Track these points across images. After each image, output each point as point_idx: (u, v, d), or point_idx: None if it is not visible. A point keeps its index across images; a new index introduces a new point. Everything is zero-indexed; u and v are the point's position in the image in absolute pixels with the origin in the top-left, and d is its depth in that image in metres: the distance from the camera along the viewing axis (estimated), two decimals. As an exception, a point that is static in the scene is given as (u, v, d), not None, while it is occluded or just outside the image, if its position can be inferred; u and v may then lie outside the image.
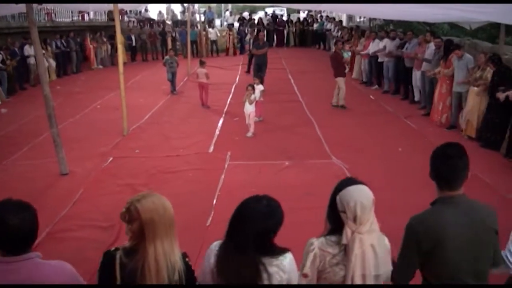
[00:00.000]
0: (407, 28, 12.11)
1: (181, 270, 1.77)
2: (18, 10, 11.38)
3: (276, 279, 1.78)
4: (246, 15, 25.31)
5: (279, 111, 9.28)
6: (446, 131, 7.71)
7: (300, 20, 23.42)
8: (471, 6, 6.03)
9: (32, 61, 12.13)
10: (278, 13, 26.78)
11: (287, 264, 1.81)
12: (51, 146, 5.98)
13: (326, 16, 22.09)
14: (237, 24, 21.66)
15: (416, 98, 9.75)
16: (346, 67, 10.23)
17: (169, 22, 23.13)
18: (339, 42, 10.17)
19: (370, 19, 16.38)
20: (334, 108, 9.57)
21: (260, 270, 1.75)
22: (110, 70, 14.82)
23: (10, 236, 1.70)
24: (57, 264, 1.82)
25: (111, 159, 6.58)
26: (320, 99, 10.26)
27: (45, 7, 15.45)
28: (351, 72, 12.97)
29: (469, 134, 7.18)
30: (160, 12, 24.68)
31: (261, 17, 24.84)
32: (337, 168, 6.07)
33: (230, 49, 19.96)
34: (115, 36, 8.05)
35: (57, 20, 17.13)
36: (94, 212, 4.92)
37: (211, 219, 4.65)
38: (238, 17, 24.10)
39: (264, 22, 22.25)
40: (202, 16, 21.63)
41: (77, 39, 15.80)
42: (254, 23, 21.28)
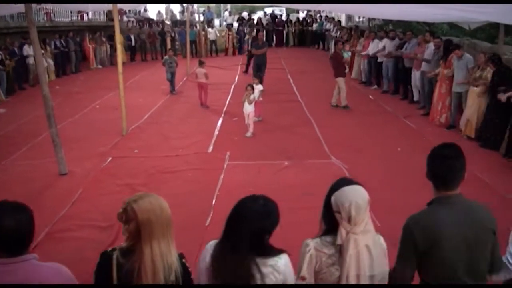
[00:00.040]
0: (406, 28, 12.12)
1: (177, 270, 1.77)
2: (17, 10, 11.37)
3: (270, 279, 1.77)
4: (245, 15, 25.28)
5: (278, 111, 9.27)
6: (446, 131, 7.72)
7: (299, 20, 23.44)
8: (471, 6, 6.03)
9: (31, 61, 12.11)
10: (277, 13, 26.72)
11: (282, 265, 1.80)
12: (50, 146, 5.98)
13: (325, 16, 22.08)
14: (236, 24, 21.65)
15: (415, 98, 9.76)
16: (346, 67, 10.23)
17: (168, 22, 23.14)
18: (340, 42, 10.18)
19: (369, 19, 16.35)
20: (334, 108, 9.56)
21: (253, 269, 1.74)
22: (109, 70, 14.82)
23: (6, 238, 1.69)
24: (53, 266, 1.82)
25: (110, 159, 6.57)
26: (320, 99, 10.25)
27: (44, 7, 15.41)
28: (350, 72, 12.96)
29: (468, 134, 7.18)
30: (159, 12, 24.65)
31: (260, 17, 24.81)
32: (336, 168, 6.07)
33: (229, 49, 19.96)
34: (114, 36, 8.04)
35: (56, 20, 17.11)
36: (93, 212, 4.91)
37: (210, 219, 4.64)
38: (237, 17, 24.11)
39: (263, 22, 22.25)
40: (201, 16, 21.63)
41: (76, 39, 15.79)
42: (253, 23, 21.30)
